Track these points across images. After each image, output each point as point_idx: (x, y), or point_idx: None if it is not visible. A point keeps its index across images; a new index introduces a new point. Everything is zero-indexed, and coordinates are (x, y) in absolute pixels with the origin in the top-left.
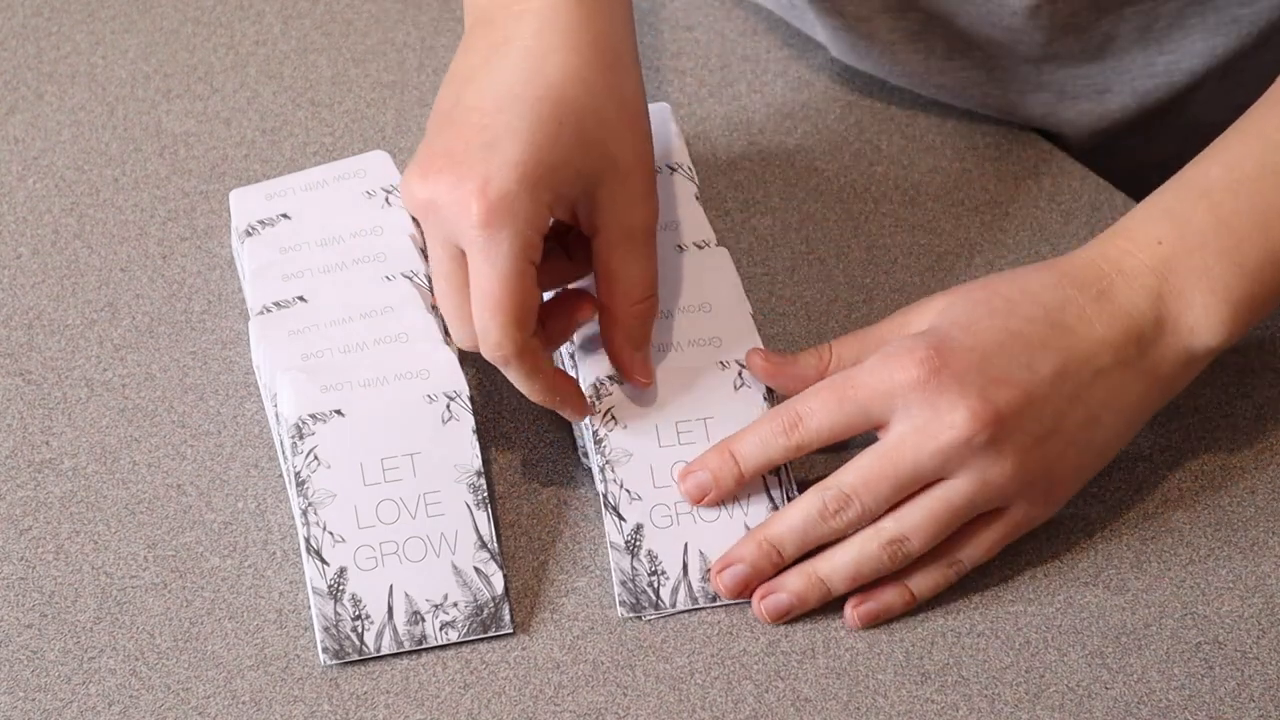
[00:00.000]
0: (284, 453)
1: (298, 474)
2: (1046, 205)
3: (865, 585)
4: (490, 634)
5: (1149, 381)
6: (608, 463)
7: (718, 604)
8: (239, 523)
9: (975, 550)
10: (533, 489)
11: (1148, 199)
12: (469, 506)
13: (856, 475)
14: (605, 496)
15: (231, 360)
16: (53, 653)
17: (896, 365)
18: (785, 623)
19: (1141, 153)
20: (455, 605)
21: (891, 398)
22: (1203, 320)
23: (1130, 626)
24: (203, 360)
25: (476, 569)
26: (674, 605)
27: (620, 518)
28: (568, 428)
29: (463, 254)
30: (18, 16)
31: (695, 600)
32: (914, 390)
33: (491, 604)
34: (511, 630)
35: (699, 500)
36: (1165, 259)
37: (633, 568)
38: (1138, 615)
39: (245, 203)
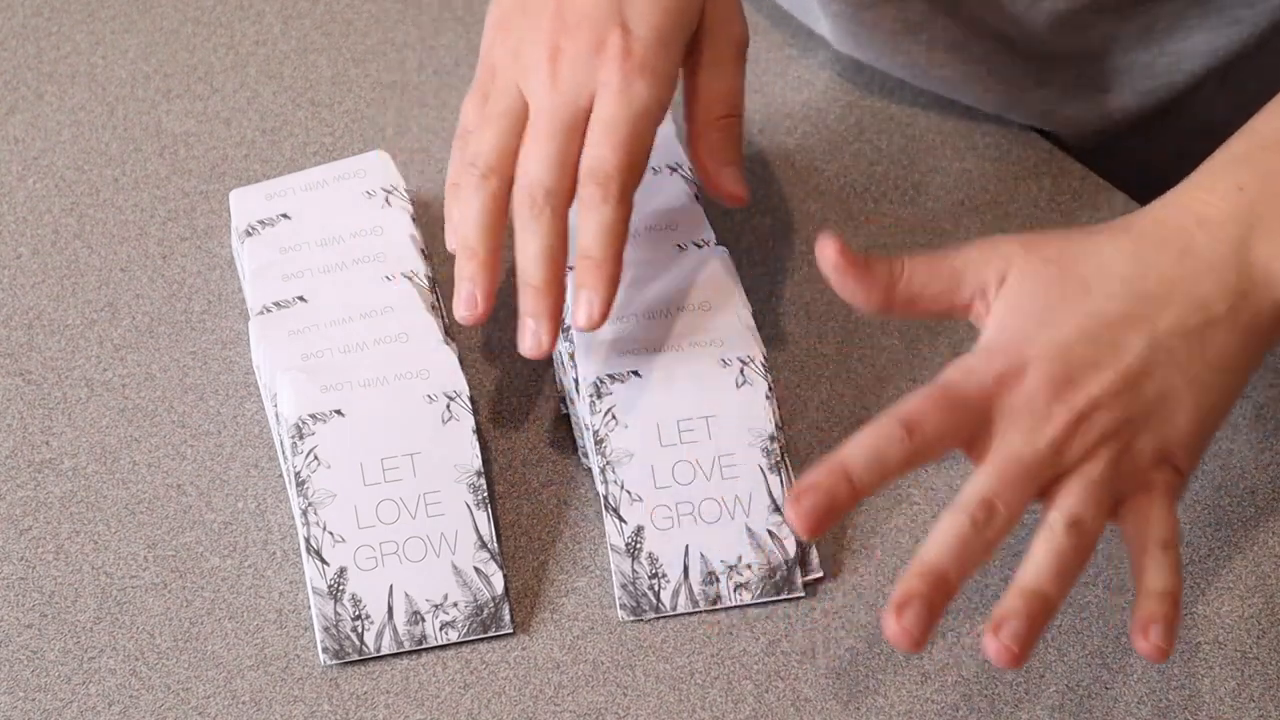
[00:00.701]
0: (284, 453)
1: (298, 474)
2: (1046, 205)
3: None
4: (490, 634)
5: (1243, 335)
6: (608, 464)
7: (717, 608)
8: (239, 523)
9: (1172, 525)
10: (533, 489)
11: (1218, 151)
12: (469, 506)
13: (985, 482)
14: (606, 498)
15: (231, 360)
16: (53, 653)
17: (981, 365)
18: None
19: (1142, 153)
20: (455, 605)
21: (986, 391)
22: None
23: (1130, 626)
24: (203, 360)
25: (476, 569)
26: (674, 609)
27: (621, 520)
28: (568, 428)
29: (585, 108)
30: (18, 16)
31: (696, 604)
32: (1000, 388)
33: (491, 604)
34: (511, 630)
35: (813, 534)
36: (1249, 204)
37: (633, 570)
38: None
39: (245, 203)
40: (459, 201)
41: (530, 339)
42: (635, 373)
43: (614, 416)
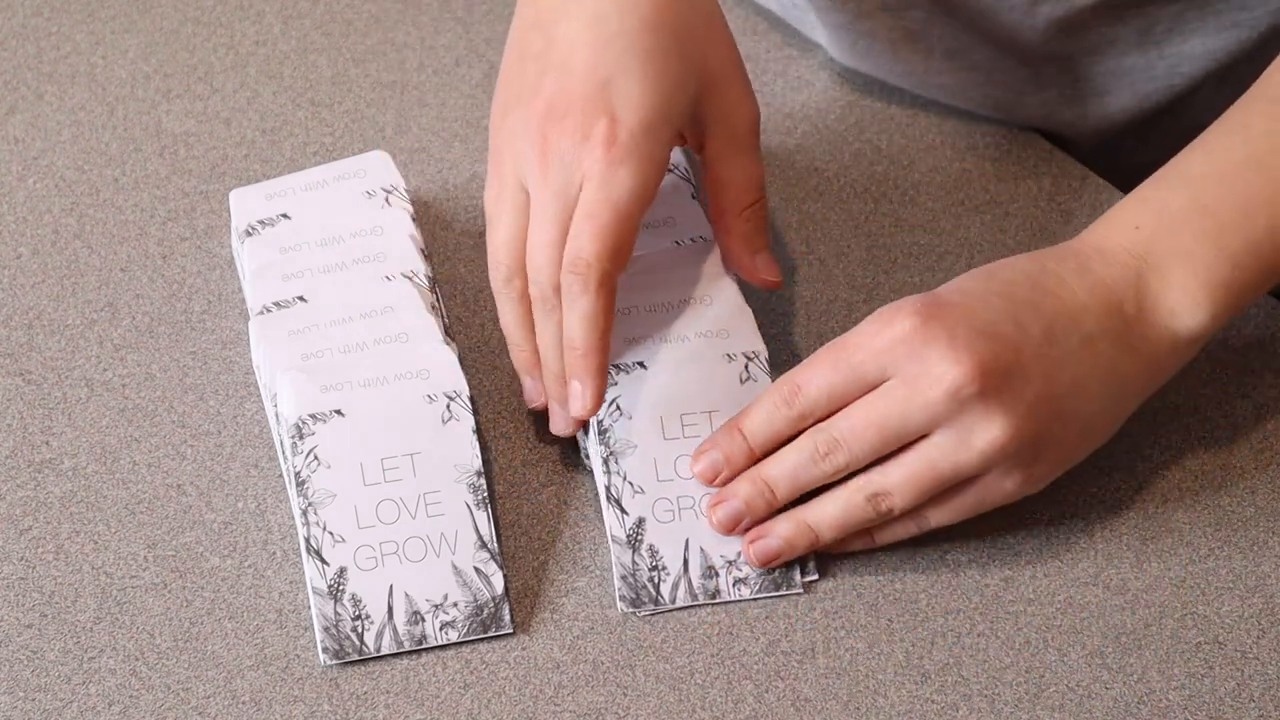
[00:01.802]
0: (284, 453)
1: (298, 474)
2: (1046, 205)
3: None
4: (490, 634)
5: (1135, 359)
6: (611, 454)
7: (716, 601)
8: (239, 523)
9: (942, 513)
10: (533, 489)
11: (1131, 193)
12: (469, 506)
13: (846, 422)
14: (608, 489)
15: (231, 360)
16: (53, 653)
17: (885, 321)
18: (772, 566)
19: (1141, 155)
20: (455, 605)
21: (883, 354)
22: (1183, 301)
23: (1130, 626)
24: (203, 360)
25: (476, 569)
26: (673, 601)
27: (623, 511)
28: None
29: (574, 198)
30: (18, 16)
31: (695, 597)
32: (903, 344)
33: (491, 604)
34: (511, 630)
35: (712, 481)
36: (1143, 241)
37: (633, 562)
38: (1138, 615)
39: (245, 203)
40: (501, 312)
41: (557, 422)
42: (641, 364)
43: (618, 408)
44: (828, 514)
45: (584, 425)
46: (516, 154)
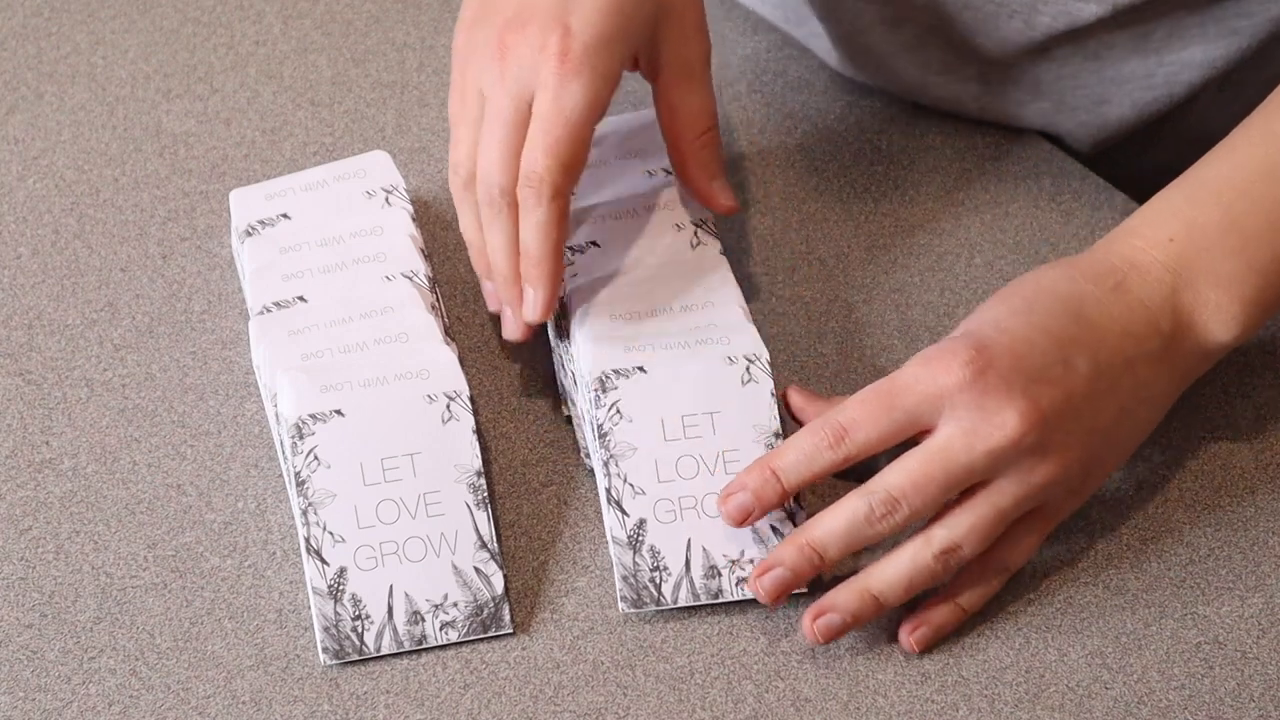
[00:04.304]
0: (284, 453)
1: (298, 474)
2: (1047, 205)
3: (914, 604)
4: (490, 634)
5: (1171, 373)
6: (612, 456)
7: (719, 600)
8: (239, 523)
9: (1019, 554)
10: (533, 489)
11: (1156, 198)
12: (469, 506)
13: (905, 477)
14: (609, 491)
15: (231, 360)
16: (53, 653)
17: (941, 368)
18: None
19: (1141, 159)
20: (455, 605)
21: (939, 399)
22: (1216, 317)
23: (1130, 626)
24: (203, 360)
25: (476, 569)
26: (675, 602)
27: (623, 512)
28: (568, 428)
29: (528, 103)
30: (18, 16)
31: (696, 597)
32: (961, 392)
33: (491, 604)
34: (511, 630)
35: (741, 523)
36: (1177, 256)
37: (634, 563)
38: (1138, 615)
39: (245, 203)
40: (460, 218)
41: (508, 326)
42: (641, 368)
43: (619, 411)
44: (893, 577)
45: (529, 336)
46: (479, 65)
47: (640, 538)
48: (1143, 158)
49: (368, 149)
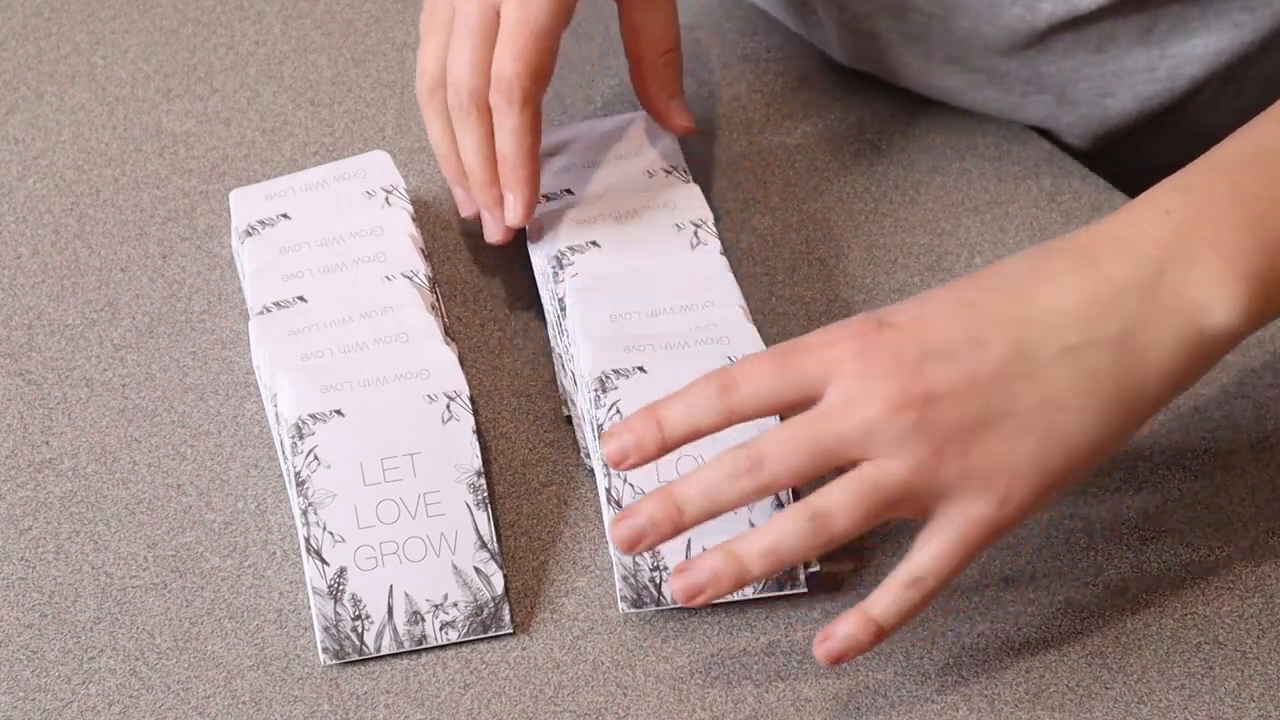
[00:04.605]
0: (284, 453)
1: (298, 474)
2: (1047, 205)
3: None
4: (490, 634)
5: (1141, 365)
6: None
7: (721, 600)
8: (239, 523)
9: (936, 563)
10: (533, 489)
11: (1165, 180)
12: (469, 506)
13: (774, 439)
14: (609, 491)
15: (231, 360)
16: (53, 653)
17: (838, 334)
18: (703, 603)
19: (1142, 158)
20: (455, 605)
21: (829, 365)
22: (1214, 294)
23: (1130, 626)
24: (203, 360)
25: (476, 569)
26: (675, 602)
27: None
28: (568, 428)
29: (496, 10)
30: (18, 16)
31: None
32: (850, 359)
33: (491, 604)
34: (511, 630)
35: (619, 465)
36: (1174, 228)
37: (635, 563)
38: (1138, 615)
39: (245, 203)
40: (428, 127)
41: (491, 229)
42: (640, 368)
43: (619, 411)
44: (758, 540)
45: (510, 236)
46: None
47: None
48: (1144, 156)
49: (368, 149)
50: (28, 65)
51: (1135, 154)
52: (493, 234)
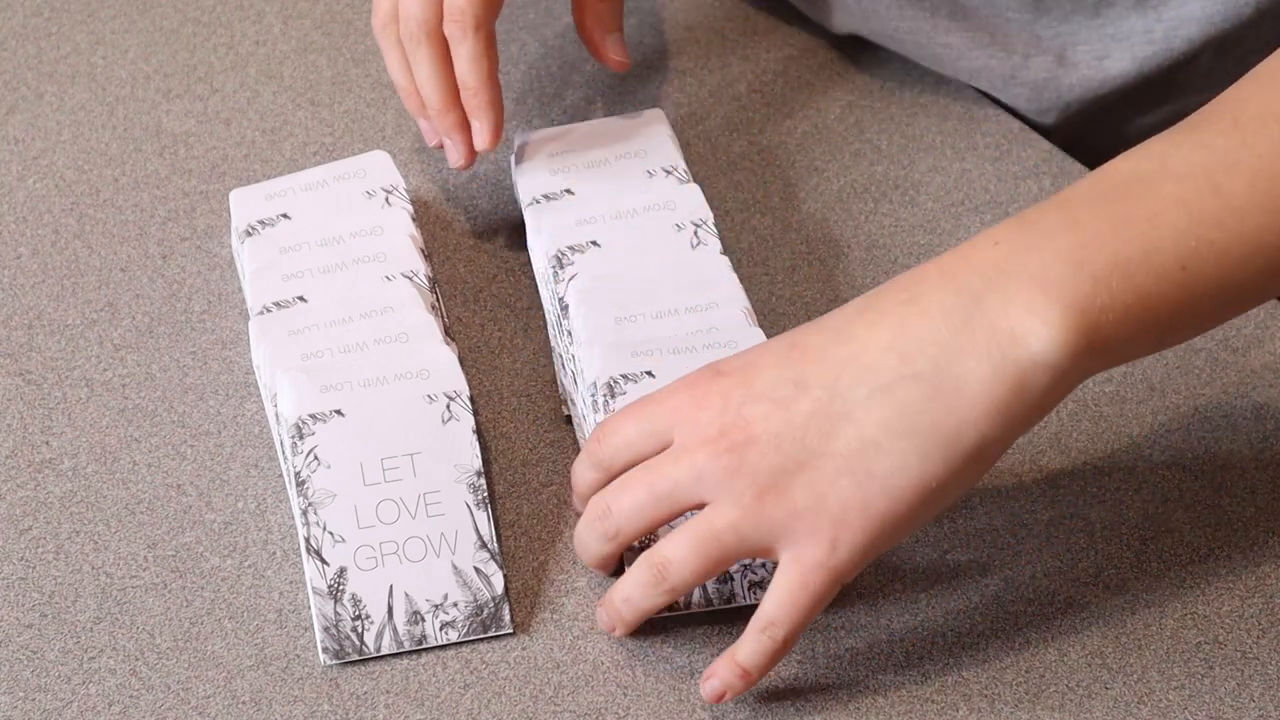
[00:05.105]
0: (284, 453)
1: (298, 474)
2: None
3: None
4: (490, 634)
5: (950, 400)
6: None
7: (732, 605)
8: (239, 523)
9: (780, 609)
10: (533, 489)
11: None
12: (469, 506)
13: (617, 488)
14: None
15: (231, 360)
16: (53, 653)
17: (680, 384)
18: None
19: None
20: (455, 605)
21: (672, 413)
22: (1029, 323)
23: (1130, 626)
24: (203, 360)
25: (476, 569)
26: (688, 606)
27: None
28: (568, 428)
29: None
30: (18, 16)
31: (710, 602)
32: (683, 408)
33: (491, 604)
34: (511, 630)
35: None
36: (997, 260)
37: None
38: (1138, 615)
39: (245, 203)
40: (386, 60)
41: (452, 153)
42: (649, 373)
43: None
44: (617, 591)
45: (472, 162)
46: None
47: (649, 543)
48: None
49: (368, 149)
50: (28, 65)
51: (1131, 131)
52: (455, 158)
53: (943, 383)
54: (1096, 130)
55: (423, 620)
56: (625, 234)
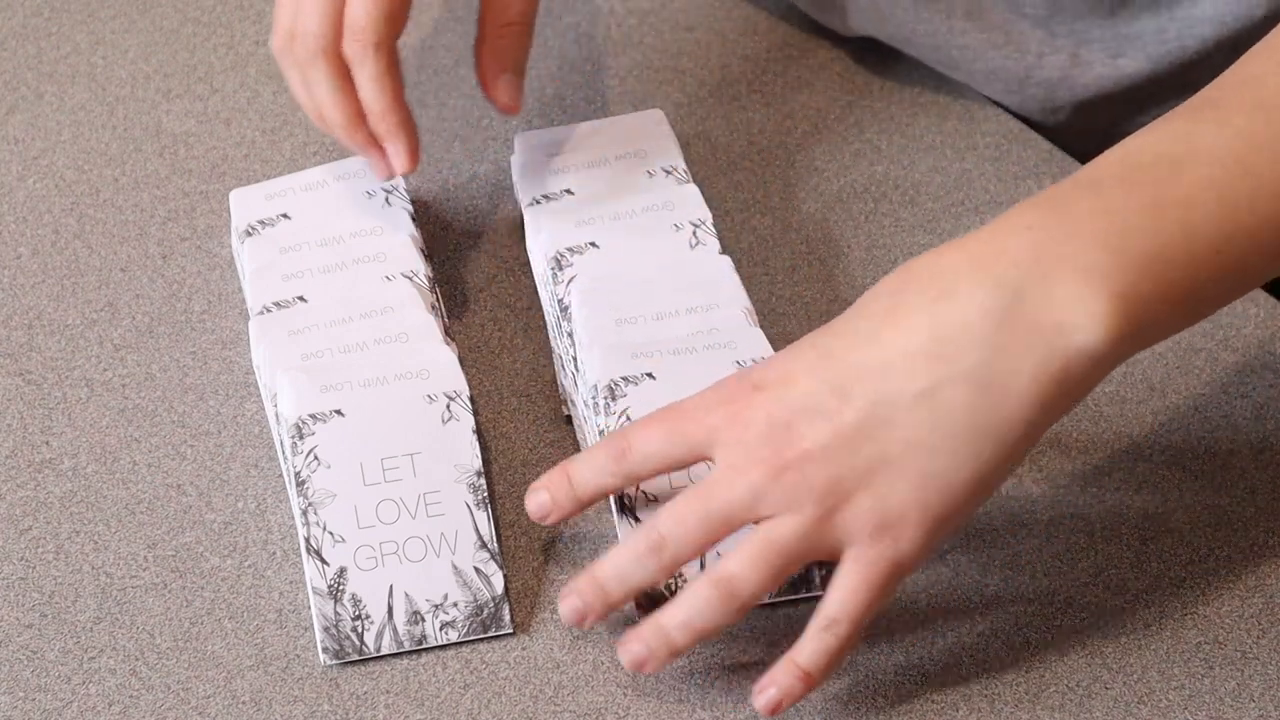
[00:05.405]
0: (284, 453)
1: (298, 474)
2: None
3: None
4: (490, 634)
5: (996, 398)
6: None
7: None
8: (239, 523)
9: (843, 607)
10: None
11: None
12: (469, 506)
13: (670, 515)
14: (621, 499)
15: (231, 360)
16: (53, 653)
17: (713, 398)
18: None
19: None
20: (455, 605)
21: (713, 430)
22: (1077, 314)
23: (1130, 626)
24: (203, 360)
25: (476, 569)
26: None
27: (636, 520)
28: (568, 428)
29: None
30: (18, 16)
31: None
32: (725, 428)
33: (491, 604)
34: (511, 630)
35: (542, 520)
36: (1032, 246)
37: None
38: (1138, 615)
39: (245, 203)
40: (288, 82)
41: (376, 168)
42: (650, 375)
43: (629, 418)
44: (675, 616)
45: (394, 176)
46: None
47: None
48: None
49: None
50: (28, 65)
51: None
52: (380, 172)
53: (988, 381)
54: (1106, 128)
55: (423, 620)
56: (624, 235)
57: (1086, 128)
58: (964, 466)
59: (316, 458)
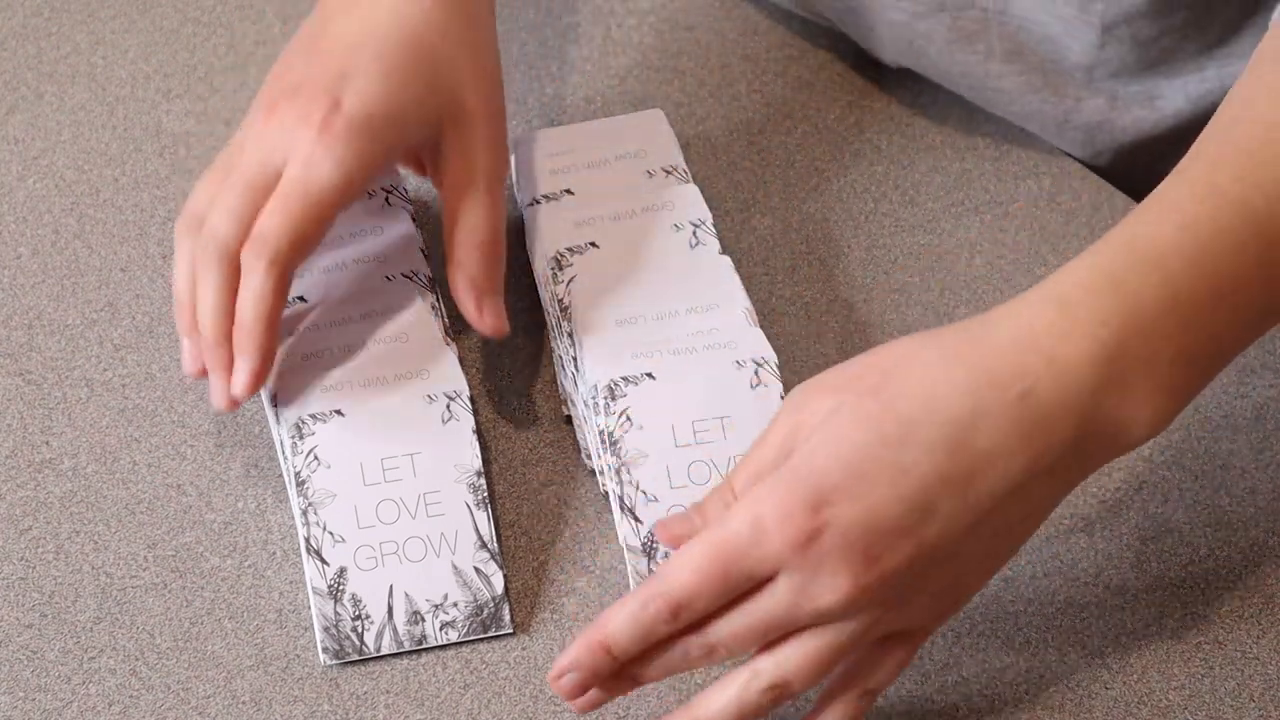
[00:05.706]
0: (284, 453)
1: (298, 474)
2: (1047, 205)
3: None
4: (490, 634)
5: (1068, 482)
6: (623, 464)
7: None
8: (239, 523)
9: (881, 678)
10: (533, 489)
11: (1088, 254)
12: (469, 506)
13: (726, 628)
14: (622, 499)
15: None
16: (53, 653)
17: (771, 519)
18: None
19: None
20: (455, 605)
21: (773, 564)
22: (1142, 412)
23: (1130, 626)
24: None
25: (476, 569)
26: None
27: (636, 520)
28: (568, 428)
29: (277, 169)
30: (18, 16)
31: None
32: (795, 558)
33: (491, 604)
34: (511, 630)
35: (573, 698)
36: (1110, 346)
37: (650, 569)
38: (1138, 615)
39: None
40: (176, 264)
41: (216, 393)
42: (649, 374)
43: (629, 418)
44: (718, 710)
45: (234, 408)
46: (247, 123)
47: (655, 545)
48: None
49: None
50: (28, 65)
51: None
52: (218, 399)
53: (1063, 471)
54: (1152, 170)
55: (423, 620)
56: (623, 235)
57: (1130, 170)
58: (1020, 541)
59: (316, 458)
